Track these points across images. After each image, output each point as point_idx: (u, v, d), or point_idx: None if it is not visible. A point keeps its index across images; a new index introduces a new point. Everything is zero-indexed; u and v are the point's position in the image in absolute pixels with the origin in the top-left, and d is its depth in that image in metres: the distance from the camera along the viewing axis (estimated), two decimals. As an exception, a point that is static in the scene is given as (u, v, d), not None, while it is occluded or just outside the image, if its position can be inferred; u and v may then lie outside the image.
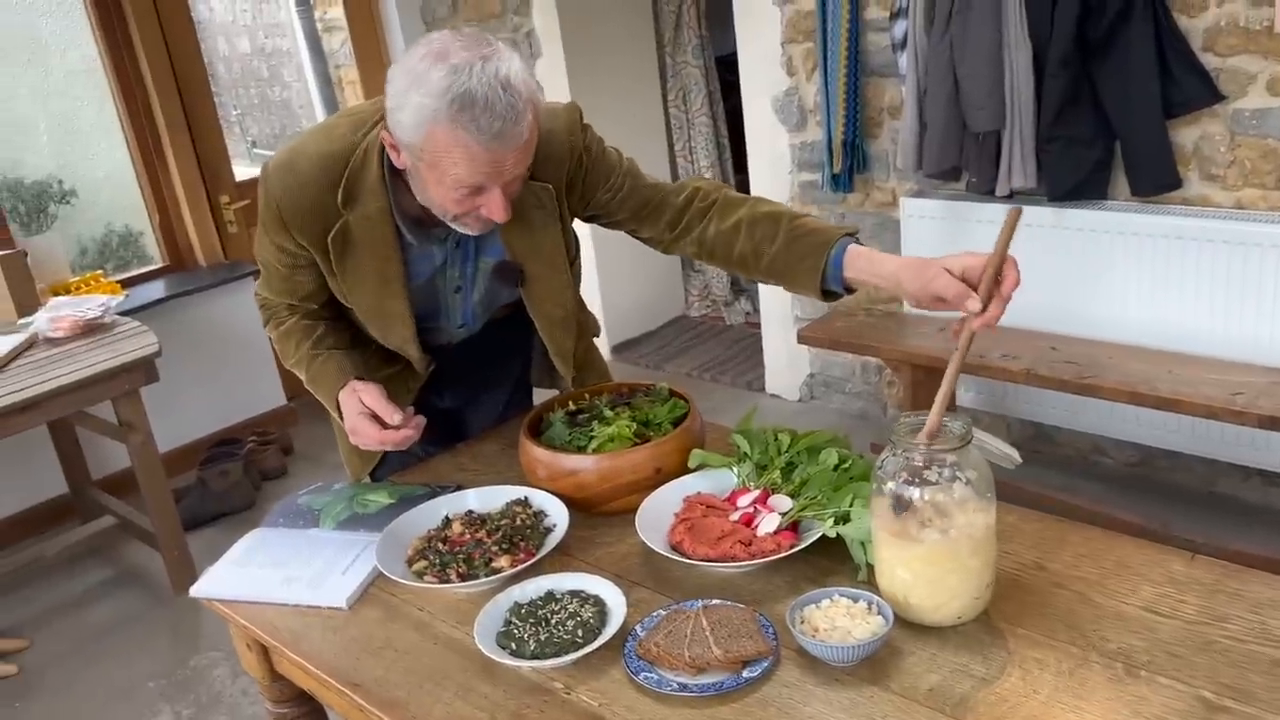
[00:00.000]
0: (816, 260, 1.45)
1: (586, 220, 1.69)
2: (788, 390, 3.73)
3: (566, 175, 1.58)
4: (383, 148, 1.47)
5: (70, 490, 3.45)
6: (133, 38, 3.63)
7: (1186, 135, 2.54)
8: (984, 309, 1.26)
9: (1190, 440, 2.65)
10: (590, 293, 4.27)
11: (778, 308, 3.60)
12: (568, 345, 1.75)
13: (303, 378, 1.68)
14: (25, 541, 3.37)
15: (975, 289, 1.27)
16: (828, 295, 1.49)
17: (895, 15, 2.83)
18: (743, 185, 3.61)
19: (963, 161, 2.74)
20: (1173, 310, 2.55)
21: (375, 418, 1.55)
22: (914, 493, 1.22)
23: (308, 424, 3.99)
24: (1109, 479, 2.96)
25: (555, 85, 4.01)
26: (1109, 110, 2.54)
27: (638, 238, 1.68)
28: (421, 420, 1.59)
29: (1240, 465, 2.67)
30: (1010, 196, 2.75)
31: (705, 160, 4.33)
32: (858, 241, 1.46)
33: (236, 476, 3.42)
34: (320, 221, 1.51)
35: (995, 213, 2.79)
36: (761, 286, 3.64)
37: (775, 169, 3.40)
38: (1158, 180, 2.54)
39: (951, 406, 1.89)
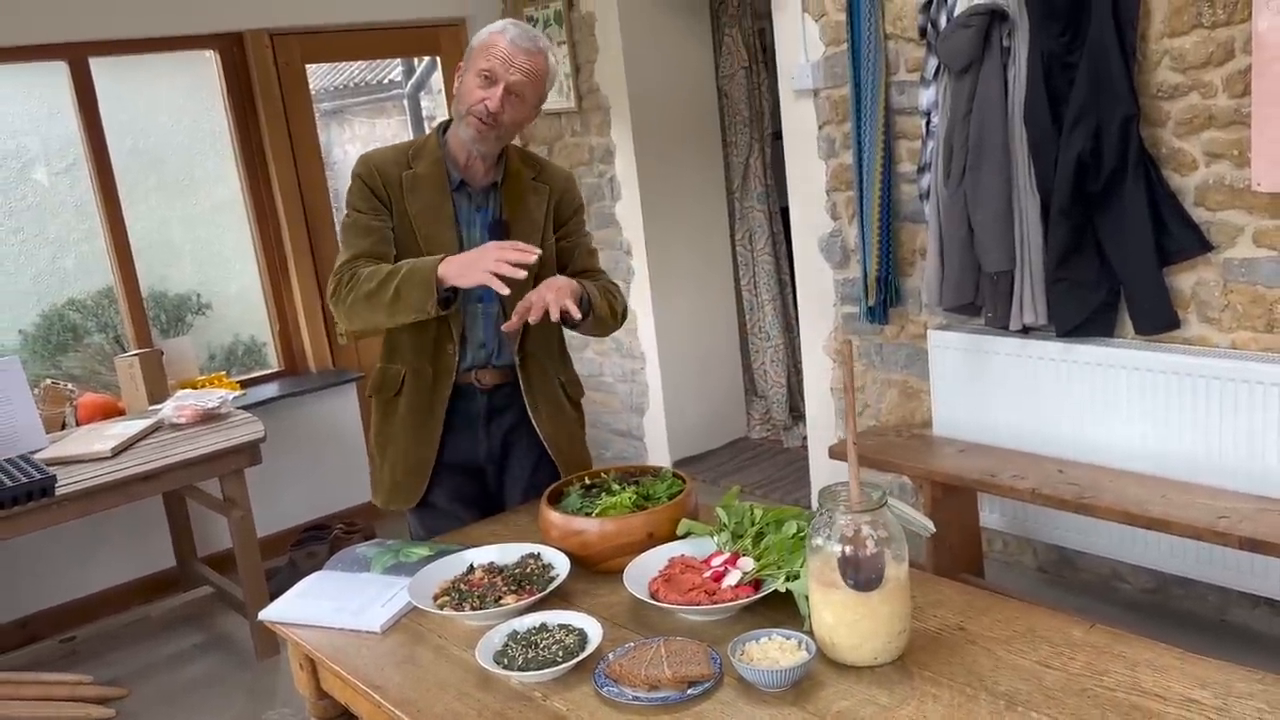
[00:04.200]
0: None
1: None
2: (832, 510, 3.92)
3: (559, 192, 2.24)
4: (440, 129, 2.17)
5: (177, 563, 3.87)
6: (270, 176, 4.22)
7: (1185, 280, 2.76)
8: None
9: (1197, 567, 2.77)
10: (655, 410, 4.61)
11: (823, 431, 3.85)
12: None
13: (387, 296, 1.98)
14: (134, 606, 3.78)
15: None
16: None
17: (922, 169, 3.17)
18: (798, 320, 3.93)
19: (978, 298, 3.01)
20: (1171, 440, 2.72)
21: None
22: (835, 548, 1.48)
23: (393, 520, 4.35)
24: (1126, 604, 3.05)
25: (632, 223, 4.45)
26: (1110, 256, 2.78)
27: None
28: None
29: (1249, 594, 2.76)
30: (1024, 331, 3.00)
31: (767, 294, 4.67)
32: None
33: (321, 559, 3.78)
34: (396, 170, 2.15)
35: (1011, 346, 3.03)
36: (809, 412, 3.91)
37: (821, 302, 3.72)
38: (1156, 322, 2.75)
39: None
